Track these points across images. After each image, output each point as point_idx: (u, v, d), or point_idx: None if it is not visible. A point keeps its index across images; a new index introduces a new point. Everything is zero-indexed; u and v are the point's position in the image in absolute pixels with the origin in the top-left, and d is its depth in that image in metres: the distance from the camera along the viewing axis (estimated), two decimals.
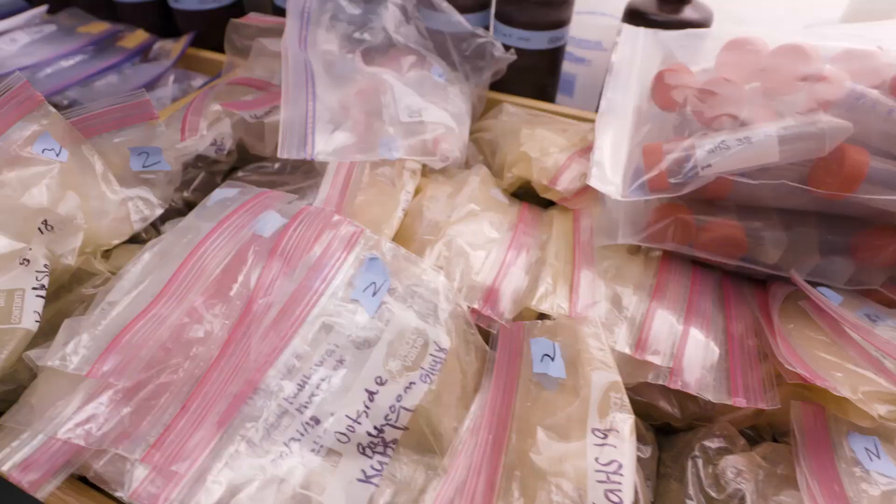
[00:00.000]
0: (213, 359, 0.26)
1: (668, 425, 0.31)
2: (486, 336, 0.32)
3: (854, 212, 0.33)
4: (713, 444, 0.27)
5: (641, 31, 0.43)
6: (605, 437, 0.25)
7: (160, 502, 0.21)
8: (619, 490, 0.23)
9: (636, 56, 0.42)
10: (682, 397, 0.30)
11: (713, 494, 0.25)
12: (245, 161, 0.46)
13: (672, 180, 0.32)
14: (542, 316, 0.32)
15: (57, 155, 0.30)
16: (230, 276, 0.28)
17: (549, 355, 0.29)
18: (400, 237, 0.36)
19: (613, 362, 0.27)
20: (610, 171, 0.34)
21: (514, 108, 0.51)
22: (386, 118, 0.41)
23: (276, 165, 0.45)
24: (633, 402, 0.31)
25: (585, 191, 0.39)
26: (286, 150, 0.36)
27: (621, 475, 0.23)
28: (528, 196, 0.43)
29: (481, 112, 0.54)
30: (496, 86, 0.56)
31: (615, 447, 0.24)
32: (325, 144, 0.37)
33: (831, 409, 0.27)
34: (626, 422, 0.25)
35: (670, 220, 0.34)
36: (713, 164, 0.31)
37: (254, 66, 0.47)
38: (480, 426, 0.27)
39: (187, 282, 0.27)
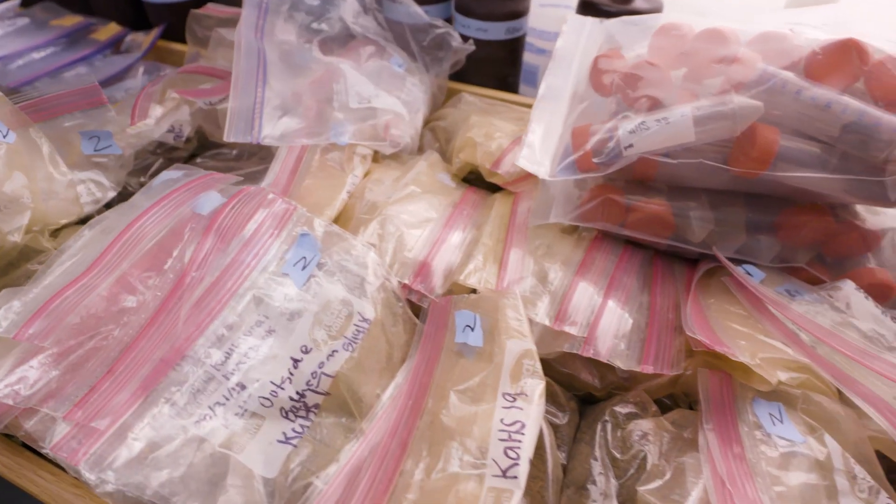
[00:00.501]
0: (142, 327, 0.27)
1: (591, 395, 0.32)
2: (420, 310, 0.33)
3: (775, 191, 0.34)
4: (624, 409, 0.29)
5: (588, 20, 0.45)
6: (514, 400, 0.26)
7: (79, 455, 0.23)
8: (519, 447, 0.24)
9: (580, 43, 0.43)
10: (603, 368, 0.31)
11: (617, 455, 0.27)
12: (205, 148, 0.48)
13: (596, 160, 0.33)
14: (474, 292, 0.33)
15: (4, 137, 0.32)
16: (165, 250, 0.30)
17: (470, 326, 0.30)
18: (342, 217, 0.37)
19: (529, 332, 0.29)
20: (540, 152, 0.35)
21: (472, 98, 0.52)
22: (336, 104, 0.42)
23: (235, 152, 0.47)
24: (557, 373, 0.32)
25: (529, 176, 0.40)
26: (232, 134, 0.37)
27: (522, 434, 0.25)
28: (481, 183, 0.45)
29: (442, 101, 0.55)
30: (459, 76, 0.58)
31: (521, 409, 0.26)
32: (273, 129, 0.39)
33: (738, 376, 0.29)
34: (536, 387, 0.27)
35: (600, 200, 0.35)
36: (634, 144, 0.32)
37: (214, 55, 0.49)
38: (402, 392, 0.28)
39: (121, 254, 0.28)
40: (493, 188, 0.44)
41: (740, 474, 0.25)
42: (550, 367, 0.33)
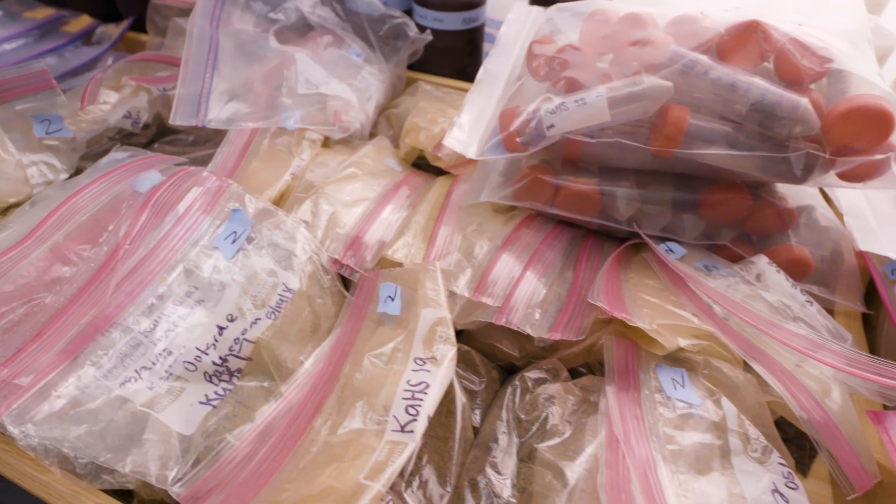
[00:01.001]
0: (74, 295, 0.28)
1: (513, 365, 0.34)
2: (351, 284, 0.34)
3: (695, 170, 0.35)
4: (534, 375, 0.30)
5: (535, 8, 0.46)
6: (424, 363, 0.28)
7: (1, 409, 0.24)
8: (420, 405, 0.25)
9: (523, 30, 0.44)
10: (522, 339, 0.33)
11: (521, 416, 0.28)
12: (164, 135, 0.49)
13: (520, 140, 0.34)
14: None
15: None
16: (102, 225, 0.31)
17: (391, 297, 0.31)
18: (284, 197, 0.38)
19: (445, 302, 0.30)
20: (468, 133, 0.36)
21: (428, 87, 0.54)
22: (284, 90, 0.43)
23: (192, 138, 0.48)
24: (480, 343, 0.33)
25: (470, 159, 0.42)
26: (178, 117, 0.39)
27: (425, 393, 0.26)
28: (432, 168, 0.46)
29: (402, 91, 0.56)
30: (419, 66, 0.59)
31: (429, 372, 0.27)
32: (219, 113, 0.40)
33: (643, 343, 0.30)
34: (447, 352, 0.28)
35: (529, 180, 0.36)
36: (555, 124, 0.33)
37: (174, 45, 0.50)
38: (324, 359, 0.30)
39: (56, 225, 0.30)
40: (442, 173, 0.45)
41: (636, 434, 0.27)
42: (474, 337, 0.34)
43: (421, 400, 0.26)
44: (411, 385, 0.26)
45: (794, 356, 0.30)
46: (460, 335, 0.35)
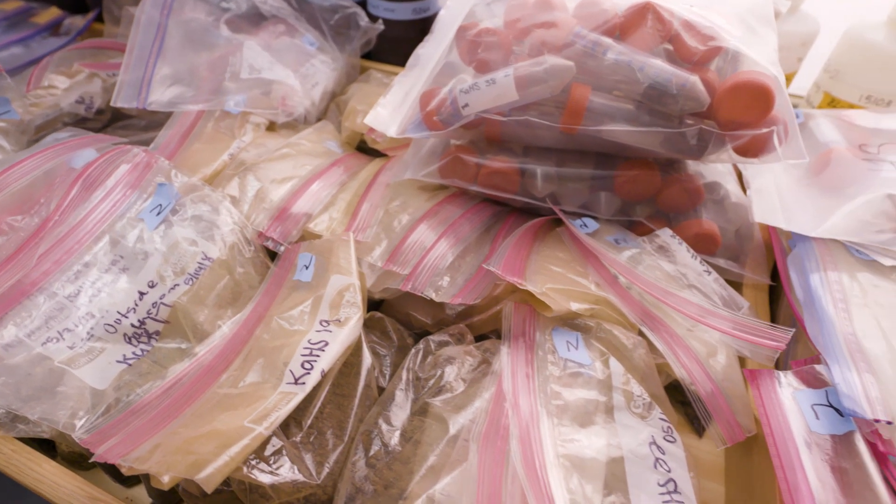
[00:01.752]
0: (1, 261, 0.30)
1: (429, 333, 0.35)
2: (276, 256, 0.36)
3: (608, 149, 0.37)
4: (438, 338, 0.31)
5: None
6: (328, 325, 0.29)
7: None
8: (315, 361, 0.27)
9: (459, 16, 0.46)
10: (435, 308, 0.34)
11: (419, 374, 0.30)
12: (120, 121, 0.51)
13: (438, 118, 0.36)
14: None
15: None
16: (34, 197, 0.33)
17: (306, 265, 0.33)
18: (219, 176, 0.40)
19: (354, 270, 0.32)
20: (392, 113, 0.38)
21: (379, 74, 0.55)
22: (227, 75, 0.45)
23: (144, 122, 0.50)
24: (397, 312, 0.35)
25: (407, 143, 0.44)
26: (119, 100, 0.40)
27: (323, 350, 0.28)
28: (376, 153, 0.47)
29: (356, 79, 0.58)
30: (374, 56, 0.61)
31: (331, 332, 0.29)
32: (160, 96, 0.42)
33: (540, 309, 0.31)
34: (351, 316, 0.30)
35: (451, 158, 0.38)
36: (469, 103, 0.35)
37: (127, 33, 0.52)
38: (241, 322, 0.32)
39: None
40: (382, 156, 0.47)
41: (524, 389, 0.28)
42: (393, 306, 0.36)
43: (318, 356, 0.27)
44: (311, 343, 0.28)
45: (686, 322, 0.32)
46: (381, 305, 0.37)
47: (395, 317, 0.35)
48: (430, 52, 0.43)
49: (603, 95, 0.34)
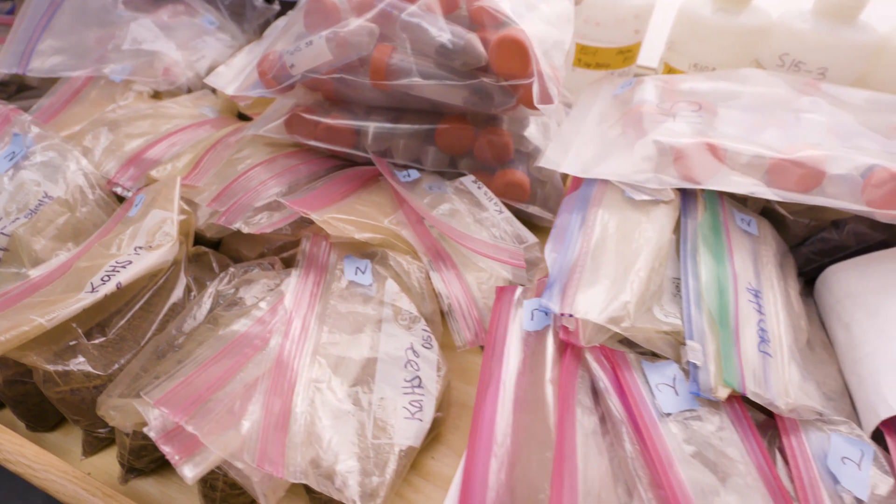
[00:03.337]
0: None
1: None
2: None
3: (428, 106, 0.41)
4: (246, 266, 0.36)
5: None
6: (139, 250, 0.34)
7: None
8: (115, 274, 0.31)
9: None
10: (258, 244, 0.39)
11: (222, 293, 0.34)
12: (25, 91, 0.55)
13: (271, 77, 0.40)
14: None
15: None
16: None
17: (137, 205, 0.37)
18: (85, 133, 0.44)
19: (175, 207, 0.36)
20: (235, 73, 0.42)
21: None
22: (111, 47, 0.50)
23: (42, 93, 0.54)
24: (229, 250, 0.39)
25: (267, 105, 0.48)
26: (2, 66, 0.45)
27: (124, 267, 0.32)
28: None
29: None
30: None
31: (138, 255, 0.33)
32: (42, 63, 0.46)
33: (333, 240, 0.36)
34: (164, 244, 0.34)
35: (289, 115, 0.42)
36: (295, 63, 0.39)
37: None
38: (76, 252, 0.36)
39: None
40: None
41: (304, 302, 0.32)
42: (226, 244, 0.40)
43: (119, 272, 0.32)
44: (117, 263, 0.32)
45: (472, 256, 0.36)
46: (218, 245, 0.41)
47: (228, 254, 0.39)
48: (283, 22, 0.47)
49: (405, 54, 0.38)
